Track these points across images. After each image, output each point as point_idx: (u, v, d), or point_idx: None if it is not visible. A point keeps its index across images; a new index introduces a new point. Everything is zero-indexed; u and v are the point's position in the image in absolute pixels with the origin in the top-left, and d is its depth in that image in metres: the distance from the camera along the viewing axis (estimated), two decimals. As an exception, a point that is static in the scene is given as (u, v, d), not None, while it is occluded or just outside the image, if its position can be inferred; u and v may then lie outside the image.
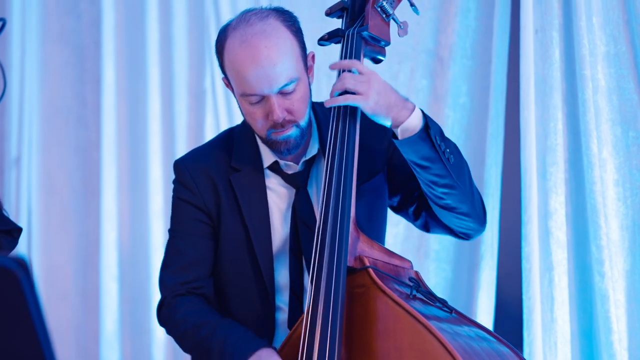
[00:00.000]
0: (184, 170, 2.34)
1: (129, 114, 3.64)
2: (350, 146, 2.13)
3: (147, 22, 3.57)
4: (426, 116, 2.14)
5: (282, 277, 2.28)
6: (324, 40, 2.27)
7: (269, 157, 2.29)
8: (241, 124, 2.37)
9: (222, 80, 2.29)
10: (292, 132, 2.19)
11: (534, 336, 2.73)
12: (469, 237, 2.32)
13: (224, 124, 3.36)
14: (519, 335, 2.79)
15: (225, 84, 2.27)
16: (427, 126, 2.12)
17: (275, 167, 2.30)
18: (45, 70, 3.74)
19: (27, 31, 3.72)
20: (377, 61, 2.29)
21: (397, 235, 3.12)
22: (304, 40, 2.23)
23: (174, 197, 2.36)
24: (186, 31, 3.53)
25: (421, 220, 2.34)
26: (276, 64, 2.14)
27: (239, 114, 2.62)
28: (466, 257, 3.06)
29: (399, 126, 2.12)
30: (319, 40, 2.28)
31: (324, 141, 2.27)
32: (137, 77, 3.62)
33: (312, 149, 2.29)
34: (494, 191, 2.98)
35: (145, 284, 3.57)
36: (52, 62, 3.74)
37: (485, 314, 2.97)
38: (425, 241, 3.11)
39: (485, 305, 2.97)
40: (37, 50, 3.73)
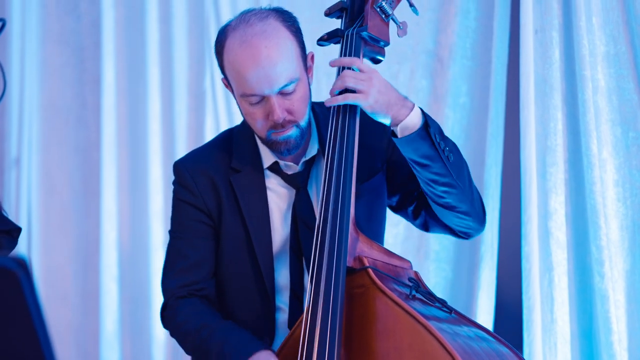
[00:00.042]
0: (183, 171, 2.33)
1: (128, 114, 3.64)
2: (349, 145, 2.13)
3: (147, 23, 3.56)
4: (425, 114, 2.14)
5: (283, 277, 2.28)
6: (323, 40, 2.27)
7: (268, 157, 2.29)
8: (241, 124, 2.37)
9: (221, 80, 2.29)
10: (292, 132, 2.19)
11: (534, 336, 2.73)
12: (468, 236, 2.33)
13: (224, 125, 3.36)
14: (519, 335, 2.79)
15: (224, 84, 2.27)
16: (426, 124, 2.12)
17: (275, 168, 2.29)
18: (45, 70, 3.74)
19: (27, 32, 3.71)
20: (376, 61, 2.29)
21: (397, 235, 3.12)
22: (303, 40, 2.23)
23: (174, 199, 2.36)
24: (186, 32, 3.53)
25: (420, 219, 2.34)
26: (276, 64, 2.14)
27: (238, 114, 2.62)
28: (466, 258, 3.06)
29: (398, 124, 2.12)
30: (318, 40, 2.28)
31: (323, 141, 2.27)
32: (137, 78, 3.61)
33: (312, 149, 2.29)
34: (494, 191, 2.97)
35: (145, 285, 3.57)
36: (52, 62, 3.74)
37: (485, 315, 2.97)
38: (425, 241, 3.10)
39: (485, 305, 2.97)
40: (37, 50, 3.73)
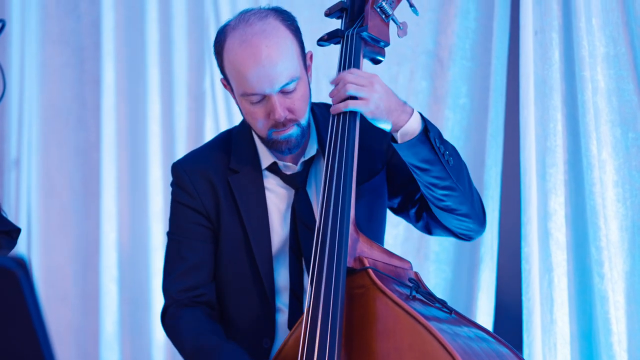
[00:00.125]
0: (182, 173, 2.33)
1: (128, 115, 3.64)
2: (350, 146, 2.13)
3: (147, 24, 3.56)
4: (425, 119, 2.14)
5: (282, 278, 2.28)
6: (323, 40, 2.27)
7: (267, 158, 2.29)
8: (239, 125, 2.36)
9: (220, 81, 2.29)
10: (293, 131, 2.19)
11: (534, 337, 2.72)
12: (469, 238, 2.33)
13: (224, 125, 3.36)
14: (519, 336, 2.79)
15: (223, 84, 2.27)
16: (426, 129, 2.12)
17: (273, 168, 2.29)
18: (44, 71, 3.74)
19: (27, 32, 3.71)
20: (376, 62, 2.29)
21: (397, 236, 3.12)
22: (302, 39, 2.24)
23: (173, 201, 2.36)
24: (186, 32, 3.53)
25: (423, 222, 2.34)
26: (277, 63, 2.14)
27: (238, 115, 2.62)
28: (466, 259, 3.06)
29: (398, 130, 2.12)
30: (319, 40, 2.28)
31: (322, 141, 2.27)
32: (137, 79, 3.61)
33: (311, 149, 2.29)
34: (494, 192, 2.97)
35: (145, 285, 3.56)
36: (52, 63, 3.74)
37: (485, 315, 2.97)
38: (425, 242, 3.10)
39: (485, 306, 2.97)
40: (36, 51, 3.73)
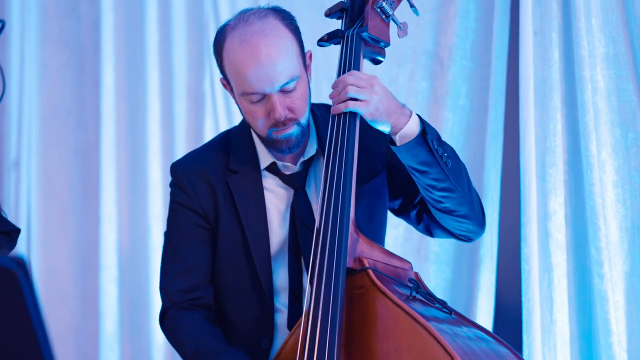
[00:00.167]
0: (180, 173, 2.33)
1: (128, 116, 3.64)
2: (349, 147, 2.13)
3: (147, 24, 3.56)
4: (423, 121, 2.14)
5: (281, 278, 2.27)
6: (323, 41, 2.27)
7: (266, 158, 2.29)
8: (239, 125, 2.37)
9: (220, 81, 2.29)
10: (293, 131, 2.20)
11: (534, 338, 2.72)
12: (469, 239, 2.33)
13: (223, 126, 3.36)
14: (519, 336, 2.79)
15: (223, 84, 2.27)
16: (424, 131, 2.12)
17: (272, 168, 2.29)
18: (44, 72, 3.74)
19: (27, 33, 3.71)
20: (376, 62, 2.29)
21: (397, 237, 3.12)
22: (302, 38, 2.24)
23: (171, 201, 2.36)
24: (185, 33, 3.53)
25: (423, 224, 2.34)
26: (277, 62, 2.14)
27: (238, 116, 2.62)
28: (466, 259, 3.06)
29: (397, 132, 2.13)
30: (319, 41, 2.28)
31: (322, 141, 2.27)
32: (137, 79, 3.61)
33: (311, 149, 2.29)
34: (494, 193, 2.97)
35: (144, 286, 3.56)
36: (51, 64, 3.74)
37: (484, 316, 2.96)
38: (425, 243, 3.10)
39: (484, 307, 2.97)
40: (36, 52, 3.73)
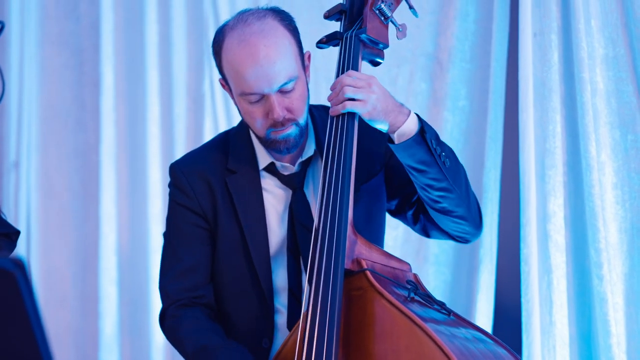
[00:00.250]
0: (179, 173, 2.33)
1: (128, 117, 3.64)
2: (348, 147, 2.13)
3: (146, 25, 3.56)
4: (422, 120, 2.14)
5: (280, 278, 2.28)
6: (322, 43, 2.28)
7: (265, 158, 2.29)
8: (237, 126, 2.37)
9: (218, 81, 2.29)
10: (291, 131, 2.20)
11: (533, 339, 2.72)
12: (466, 241, 2.33)
13: (223, 127, 3.36)
14: (518, 338, 2.79)
15: (221, 84, 2.27)
16: (422, 130, 2.12)
17: (271, 169, 2.30)
18: (44, 73, 3.74)
19: (26, 34, 3.71)
20: (375, 64, 2.29)
21: (396, 238, 3.12)
22: (300, 39, 2.24)
23: (170, 201, 2.36)
24: (185, 34, 3.53)
25: (420, 224, 2.34)
26: (275, 62, 2.15)
27: (237, 116, 2.61)
28: (465, 261, 3.06)
29: (395, 131, 2.13)
30: (318, 43, 2.28)
31: (320, 142, 2.27)
32: (136, 80, 3.61)
33: (309, 150, 2.29)
34: (493, 194, 2.97)
35: (144, 287, 3.56)
36: (51, 64, 3.74)
37: (484, 317, 2.97)
38: (424, 244, 3.10)
39: (484, 308, 2.97)
40: (35, 52, 3.73)
